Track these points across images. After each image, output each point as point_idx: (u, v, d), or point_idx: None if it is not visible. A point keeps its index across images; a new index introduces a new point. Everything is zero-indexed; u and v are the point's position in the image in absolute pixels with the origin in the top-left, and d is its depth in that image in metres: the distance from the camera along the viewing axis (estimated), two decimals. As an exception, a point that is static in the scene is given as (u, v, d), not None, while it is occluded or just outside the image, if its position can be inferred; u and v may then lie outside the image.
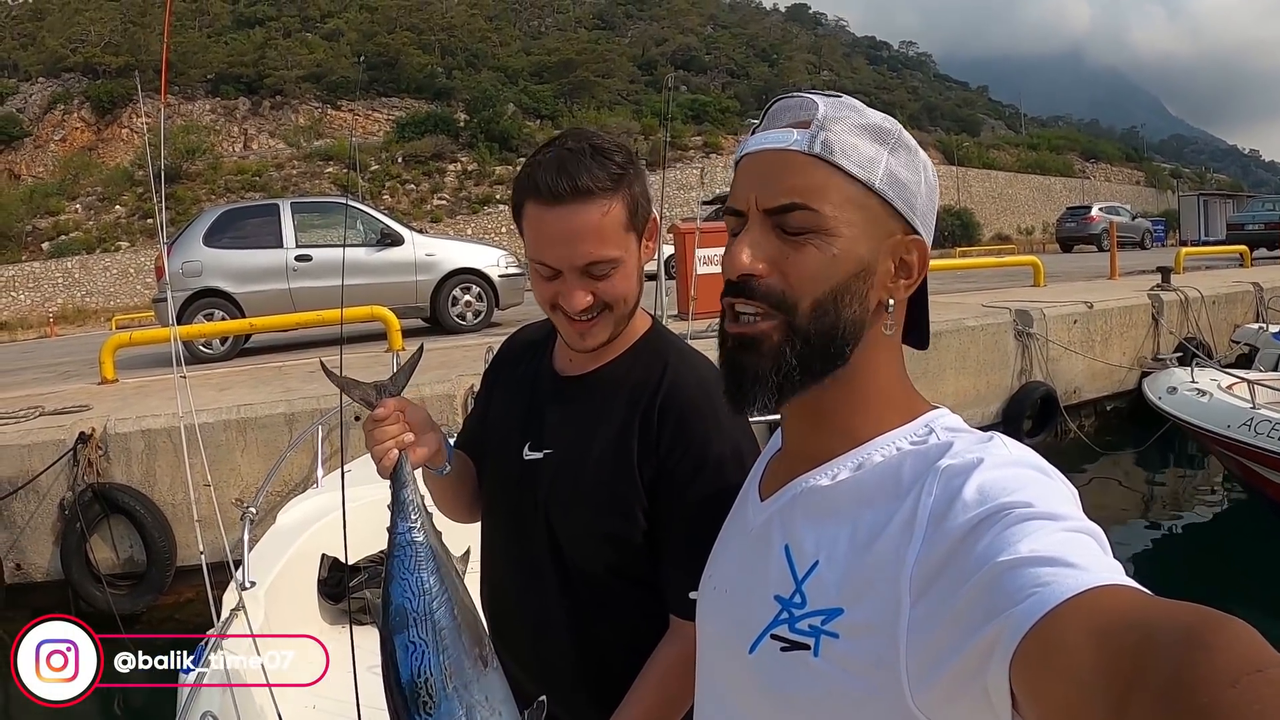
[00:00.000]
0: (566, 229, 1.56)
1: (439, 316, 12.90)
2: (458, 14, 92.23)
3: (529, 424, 1.80)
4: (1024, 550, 0.81)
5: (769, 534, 1.12)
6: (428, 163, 56.64)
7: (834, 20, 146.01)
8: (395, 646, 1.34)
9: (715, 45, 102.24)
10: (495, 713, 1.32)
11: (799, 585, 1.03)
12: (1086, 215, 38.71)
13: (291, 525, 4.79)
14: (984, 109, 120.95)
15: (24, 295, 45.66)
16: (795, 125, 1.10)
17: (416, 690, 1.30)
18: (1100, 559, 0.80)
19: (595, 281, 1.60)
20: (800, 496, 1.11)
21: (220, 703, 2.99)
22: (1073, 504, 0.90)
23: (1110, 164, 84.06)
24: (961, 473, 0.94)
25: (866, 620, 0.94)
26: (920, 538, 0.92)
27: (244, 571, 4.11)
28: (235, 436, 7.35)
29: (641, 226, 1.67)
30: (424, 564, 1.43)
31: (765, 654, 1.04)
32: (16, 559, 7.16)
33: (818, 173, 1.06)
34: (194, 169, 53.51)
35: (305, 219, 13.02)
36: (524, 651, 1.79)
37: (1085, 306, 11.51)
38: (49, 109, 71.16)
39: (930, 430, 1.07)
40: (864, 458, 1.07)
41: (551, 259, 1.59)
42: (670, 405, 1.62)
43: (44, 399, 8.48)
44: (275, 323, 11.17)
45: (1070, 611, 0.73)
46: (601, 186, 1.57)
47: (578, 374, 1.77)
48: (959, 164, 67.12)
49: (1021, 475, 0.92)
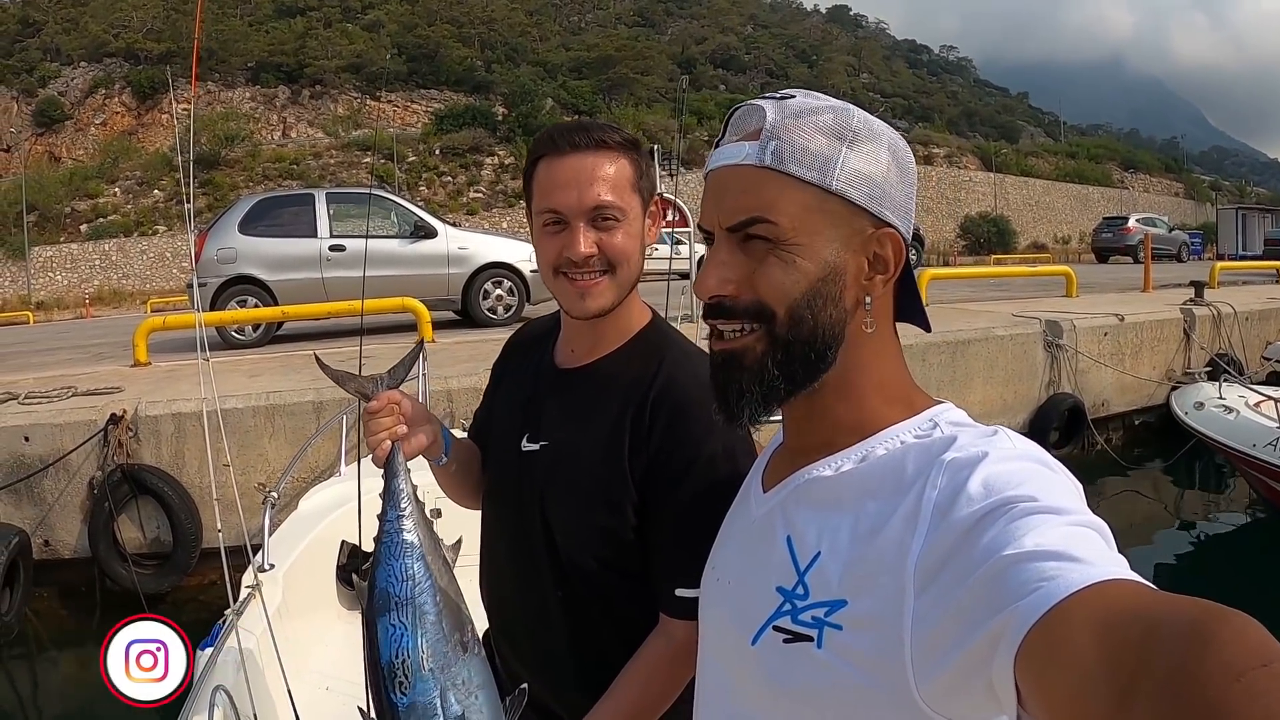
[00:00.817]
0: (578, 172, 1.63)
1: (470, 310, 12.89)
2: (498, 8, 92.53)
3: (528, 416, 1.82)
4: (1029, 544, 0.81)
5: (771, 525, 1.12)
6: (465, 155, 56.78)
7: (875, 22, 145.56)
8: (377, 629, 1.39)
9: (755, 45, 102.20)
10: (472, 695, 1.35)
11: (801, 576, 1.03)
12: (1123, 226, 38.28)
13: (313, 511, 4.85)
14: (1024, 116, 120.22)
15: (61, 276, 46.16)
16: (746, 138, 1.09)
17: (394, 670, 1.34)
18: (1105, 553, 0.81)
19: (599, 232, 1.65)
20: (803, 488, 1.11)
21: (234, 679, 3.04)
22: (1077, 498, 0.90)
23: (1149, 174, 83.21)
24: (966, 466, 0.94)
25: (870, 612, 0.94)
26: (924, 530, 0.92)
27: (263, 554, 4.17)
28: (264, 422, 7.42)
29: (646, 196, 1.73)
30: (410, 552, 1.47)
31: (768, 645, 1.04)
32: (45, 535, 7.27)
33: (771, 185, 1.06)
34: (232, 156, 53.90)
35: (340, 209, 13.07)
36: (521, 642, 1.82)
37: (1116, 319, 11.39)
38: (90, 93, 72.00)
39: (935, 424, 1.07)
40: (868, 450, 1.07)
41: (560, 202, 1.64)
42: (663, 401, 1.63)
43: (77, 380, 8.59)
44: (305, 311, 11.25)
45: (1075, 605, 0.73)
46: (614, 141, 1.66)
47: (576, 366, 1.80)
48: (997, 170, 66.75)
49: (1026, 469, 0.92)
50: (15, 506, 7.13)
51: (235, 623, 3.28)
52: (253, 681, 3.11)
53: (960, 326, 10.34)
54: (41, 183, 51.42)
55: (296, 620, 4.07)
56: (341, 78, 74.77)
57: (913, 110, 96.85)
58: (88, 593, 7.39)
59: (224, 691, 2.85)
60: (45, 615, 7.46)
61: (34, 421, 7.24)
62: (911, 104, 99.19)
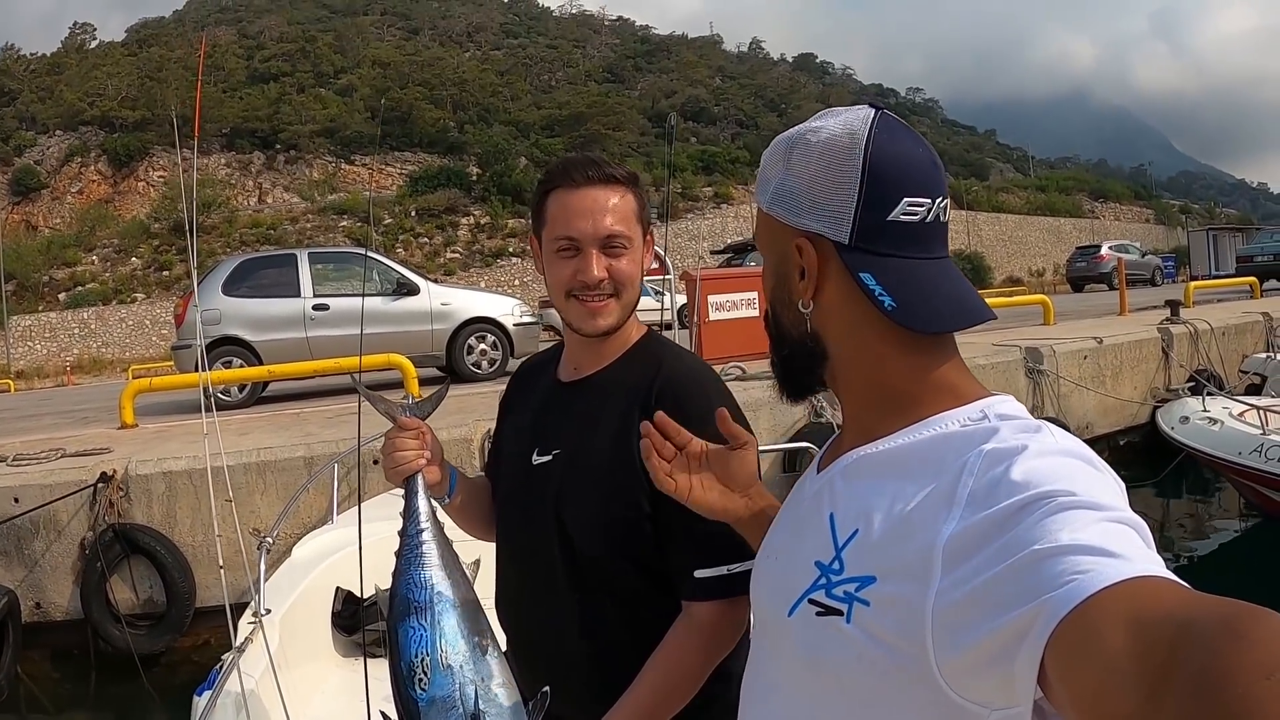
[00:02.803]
0: (593, 204, 1.82)
1: (454, 365, 12.97)
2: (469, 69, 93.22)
3: (536, 433, 1.94)
4: (1065, 538, 0.81)
5: (819, 502, 1.15)
6: (441, 216, 57.05)
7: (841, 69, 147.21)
8: (398, 633, 1.47)
9: (724, 96, 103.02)
10: (491, 692, 1.40)
11: (838, 552, 1.05)
12: (1096, 254, 38.62)
13: (306, 559, 4.85)
14: (992, 153, 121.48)
15: (40, 345, 45.97)
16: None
17: (413, 669, 1.41)
18: (1141, 550, 0.81)
19: (609, 258, 1.83)
20: (848, 467, 1.14)
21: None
22: (1117, 495, 0.91)
23: (1119, 203, 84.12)
24: (1006, 457, 0.94)
25: (896, 590, 0.95)
26: (957, 515, 0.93)
27: (259, 599, 4.18)
28: (255, 479, 7.42)
29: (645, 226, 1.92)
30: (428, 562, 1.57)
31: (802, 618, 1.07)
32: (36, 598, 7.21)
33: (757, 214, 1.25)
34: (210, 222, 53.89)
35: (322, 269, 13.20)
36: (539, 656, 1.87)
37: (1095, 342, 11.47)
38: (66, 161, 72.02)
39: (984, 415, 1.07)
40: (914, 435, 1.09)
41: (576, 230, 1.81)
42: (665, 392, 1.76)
43: (65, 442, 8.58)
44: (294, 370, 11.27)
45: (1108, 600, 0.74)
46: (621, 177, 1.87)
47: (578, 378, 1.94)
48: (969, 208, 67.20)
49: (1067, 464, 0.93)
50: (5, 568, 7.08)
51: (236, 664, 3.28)
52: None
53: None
54: (19, 251, 51.37)
55: (292, 668, 4.06)
56: (316, 142, 75.01)
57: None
58: (81, 654, 7.33)
59: None
60: (38, 678, 7.39)
61: (23, 482, 7.21)
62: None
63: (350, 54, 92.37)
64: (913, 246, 1.10)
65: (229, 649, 3.45)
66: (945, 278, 1.12)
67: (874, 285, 1.08)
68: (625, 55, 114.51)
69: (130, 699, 7.16)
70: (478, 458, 7.53)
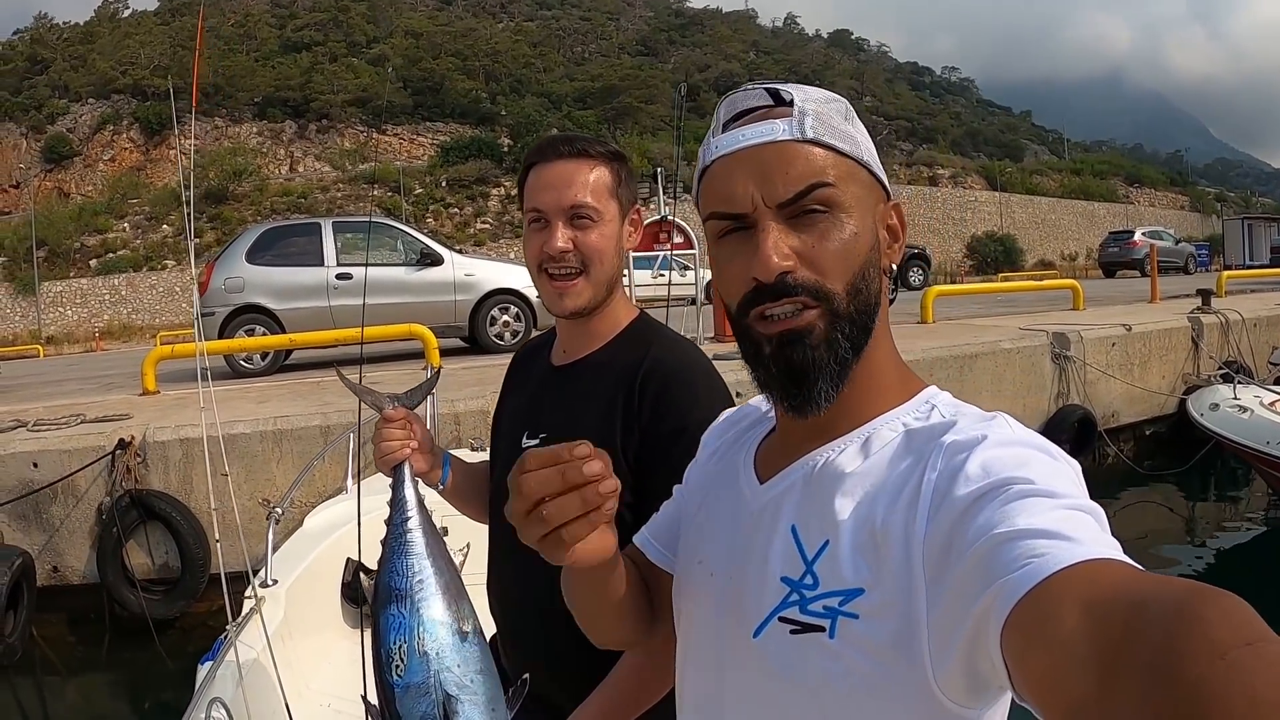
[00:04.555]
0: (559, 176, 1.83)
1: (477, 336, 12.99)
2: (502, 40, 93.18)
3: (529, 415, 1.95)
4: (1021, 524, 0.81)
5: (773, 515, 1.10)
6: (471, 187, 57.01)
7: (876, 46, 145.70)
8: (379, 620, 1.46)
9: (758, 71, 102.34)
10: (468, 678, 1.39)
11: (809, 566, 1.02)
12: (1129, 240, 38.36)
13: (318, 529, 4.85)
14: (1027, 134, 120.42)
15: (71, 311, 46.39)
16: (770, 117, 1.08)
17: (391, 656, 1.40)
18: (1098, 535, 0.81)
19: (575, 230, 1.82)
20: (805, 476, 1.09)
21: (233, 693, 3.03)
22: (1075, 483, 0.90)
23: (1154, 189, 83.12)
24: (965, 448, 0.94)
25: (885, 600, 0.94)
26: (926, 513, 0.93)
27: (266, 570, 4.17)
28: (271, 447, 7.43)
29: (625, 203, 1.91)
30: (411, 550, 1.54)
31: (772, 637, 1.03)
32: (53, 561, 7.27)
33: (817, 156, 1.05)
34: (240, 190, 54.17)
35: (347, 238, 13.20)
36: (526, 639, 1.88)
37: (1124, 329, 11.33)
38: (98, 129, 72.59)
39: (932, 407, 1.07)
40: (869, 434, 1.07)
41: (542, 202, 1.83)
42: (650, 379, 1.74)
43: (86, 408, 8.63)
44: (311, 339, 11.28)
45: (1063, 582, 0.73)
46: (594, 152, 1.86)
47: (568, 362, 1.94)
48: (1002, 190, 66.74)
49: (1024, 454, 0.92)
50: (24, 532, 7.13)
51: (235, 637, 3.27)
52: (250, 696, 3.11)
53: (967, 340, 10.31)
54: (51, 219, 51.70)
55: (300, 637, 4.06)
56: (347, 111, 75.24)
57: (916, 132, 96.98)
58: (96, 618, 7.39)
59: (221, 704, 2.85)
60: (53, 641, 7.45)
61: (42, 448, 7.25)
62: (915, 126, 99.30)
63: (383, 24, 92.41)
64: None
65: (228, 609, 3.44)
66: None
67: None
68: (659, 28, 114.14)
69: (144, 663, 7.21)
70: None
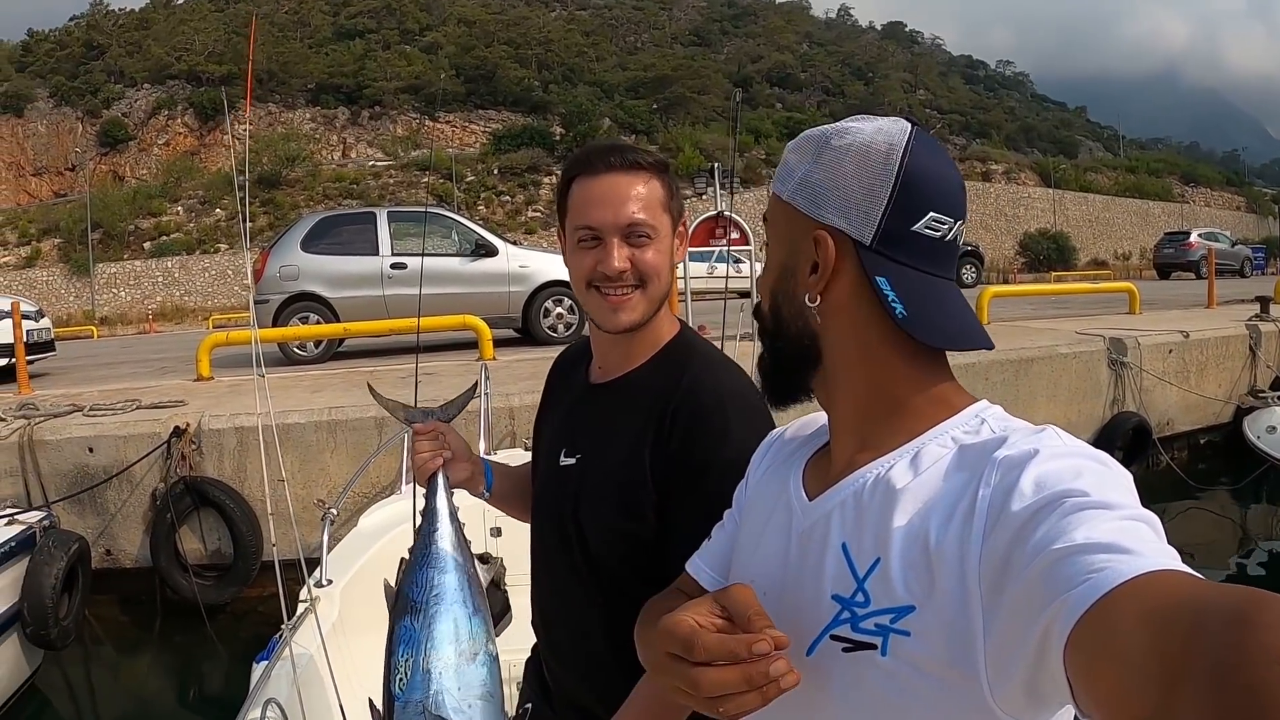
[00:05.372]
0: (613, 192, 1.73)
1: (530, 328, 12.95)
2: (554, 29, 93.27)
3: (566, 432, 1.91)
4: (1079, 538, 0.81)
5: (823, 533, 1.10)
6: (523, 175, 57.26)
7: (930, 38, 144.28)
8: (394, 629, 1.48)
9: (811, 63, 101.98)
10: (468, 702, 1.40)
11: (860, 584, 1.01)
12: (1185, 241, 37.82)
13: (372, 529, 4.85)
14: (1082, 130, 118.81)
15: (125, 292, 47.13)
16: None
17: (397, 668, 1.42)
18: (1156, 545, 0.80)
19: (632, 248, 1.73)
20: (855, 493, 1.09)
21: (287, 693, 3.04)
22: (1129, 493, 0.90)
23: (1210, 188, 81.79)
24: (1018, 464, 0.93)
25: (940, 617, 0.93)
26: (981, 530, 0.92)
27: (321, 570, 4.18)
28: (325, 437, 7.47)
29: (676, 216, 1.82)
30: (433, 563, 1.57)
31: (825, 655, 1.03)
32: (107, 545, 7.36)
33: (770, 198, 1.21)
34: (293, 176, 54.69)
35: (401, 227, 13.24)
36: (566, 652, 1.87)
37: (1181, 336, 11.14)
38: (153, 114, 73.55)
39: (982, 421, 1.06)
40: (917, 449, 1.06)
41: (596, 219, 1.73)
42: (683, 408, 1.68)
43: (141, 393, 8.72)
44: (365, 328, 11.36)
45: (1124, 596, 0.73)
46: (647, 164, 1.77)
47: (605, 381, 1.88)
48: (1056, 186, 66.05)
49: (1078, 465, 0.92)
50: (79, 516, 7.23)
51: (290, 638, 3.28)
52: (305, 696, 3.11)
53: (1023, 344, 10.20)
54: (106, 201, 52.49)
55: (353, 637, 4.07)
56: (400, 99, 75.64)
57: (970, 126, 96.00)
58: (148, 602, 7.49)
59: (276, 705, 2.85)
60: (106, 622, 7.56)
61: (98, 433, 7.34)
62: (969, 120, 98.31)
63: (436, 11, 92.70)
64: (928, 261, 1.10)
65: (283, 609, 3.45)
66: (951, 298, 1.12)
67: (888, 290, 1.08)
68: (712, 19, 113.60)
69: (194, 646, 7.30)
70: (550, 423, 7.49)
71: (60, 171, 71.18)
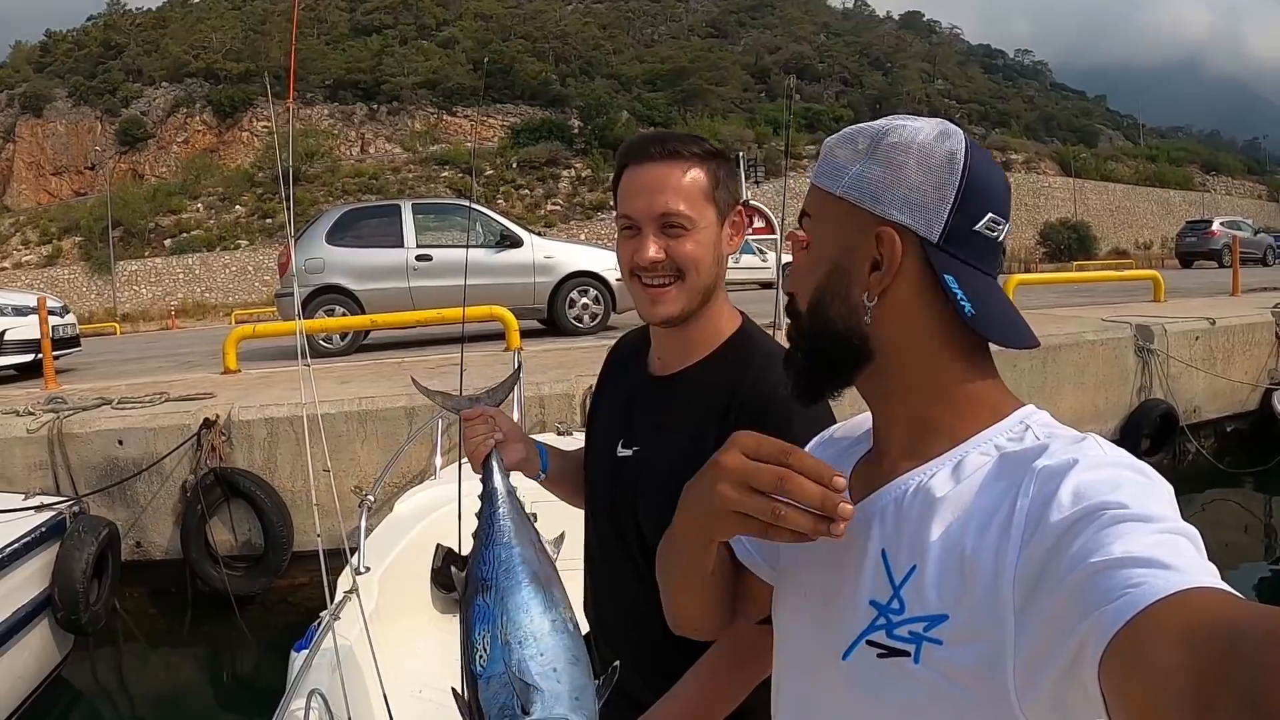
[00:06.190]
0: (650, 181, 1.73)
1: (556, 318, 12.98)
2: (571, 22, 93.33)
3: (624, 423, 1.91)
4: (1117, 551, 0.80)
5: (864, 539, 1.09)
6: (542, 168, 57.37)
7: (948, 28, 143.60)
8: (469, 611, 1.47)
9: (829, 53, 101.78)
10: (550, 668, 1.38)
11: (897, 591, 1.02)
12: (1207, 230, 37.59)
13: (407, 515, 4.86)
14: (1101, 119, 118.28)
15: (146, 289, 47.42)
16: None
17: (474, 646, 1.41)
18: (1194, 560, 0.80)
19: (668, 239, 1.73)
20: (896, 500, 1.09)
21: (329, 682, 3.04)
22: (1168, 505, 0.89)
23: (1231, 177, 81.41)
24: (1058, 474, 0.93)
25: (972, 626, 0.93)
26: (1019, 540, 0.91)
27: (359, 557, 4.19)
28: (355, 428, 7.47)
29: (725, 206, 1.80)
30: (499, 539, 1.55)
31: (860, 660, 1.04)
32: (137, 537, 7.38)
33: (811, 194, 1.19)
34: (312, 172, 54.93)
35: (425, 220, 13.28)
36: (618, 639, 1.87)
37: (1208, 323, 11.06)
38: (172, 112, 73.99)
39: (1026, 427, 1.06)
40: (961, 457, 1.06)
41: (632, 209, 1.75)
42: (745, 409, 1.68)
43: (169, 386, 8.73)
44: (396, 320, 11.37)
45: (1161, 612, 0.72)
46: (690, 152, 1.75)
47: (666, 374, 1.87)
48: (1076, 175, 65.76)
49: (1118, 476, 0.91)
50: (108, 508, 7.24)
51: (331, 625, 3.28)
52: (348, 684, 3.12)
53: (1050, 331, 10.13)
54: (126, 199, 52.88)
55: (391, 624, 4.08)
56: (418, 94, 75.92)
57: (989, 116, 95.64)
58: (178, 593, 7.51)
59: (319, 695, 2.86)
60: (136, 613, 7.59)
61: (128, 425, 7.36)
62: (988, 109, 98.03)
63: (453, 6, 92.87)
64: (984, 260, 1.11)
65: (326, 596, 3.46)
66: (1003, 297, 1.13)
67: (957, 289, 1.08)
68: (729, 10, 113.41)
69: (224, 637, 7.32)
70: (578, 413, 7.49)
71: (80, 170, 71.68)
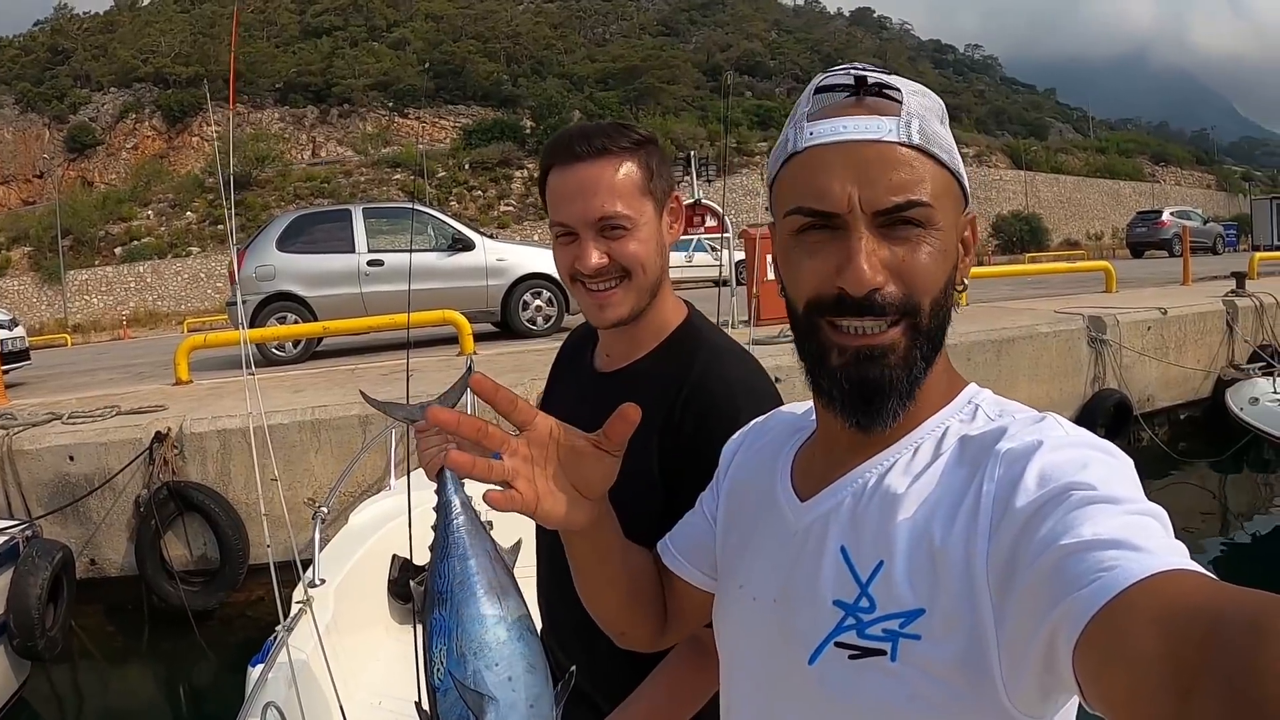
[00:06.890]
0: (581, 183, 1.63)
1: (510, 321, 12.95)
2: (523, 22, 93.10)
3: (572, 421, 1.85)
4: (1087, 534, 0.79)
5: (820, 536, 1.05)
6: (494, 169, 57.17)
7: (898, 24, 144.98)
8: (428, 625, 1.44)
9: (780, 50, 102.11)
10: (505, 676, 1.36)
11: (864, 589, 0.97)
12: (1157, 220, 38.16)
13: (363, 526, 4.83)
14: (1051, 112, 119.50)
15: (97, 299, 46.83)
16: (876, 112, 1.01)
17: (433, 661, 1.38)
18: (1164, 541, 0.78)
19: (609, 242, 1.65)
20: (854, 494, 1.04)
21: (285, 696, 3.01)
22: (1134, 485, 0.87)
23: (1180, 167, 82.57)
24: (1022, 457, 0.91)
25: (950, 619, 0.90)
26: (987, 527, 0.89)
27: (314, 569, 4.16)
28: (309, 437, 7.41)
29: (661, 195, 1.72)
30: (454, 552, 1.50)
31: (829, 664, 0.99)
32: (91, 554, 7.29)
33: (919, 165, 0.99)
34: (263, 176, 54.42)
35: (376, 224, 13.20)
36: (569, 642, 1.84)
37: (1159, 313, 11.23)
38: (120, 118, 73.03)
39: (976, 407, 1.04)
40: (916, 445, 1.03)
41: (567, 216, 1.65)
42: (691, 403, 1.64)
43: (120, 399, 8.62)
44: (347, 326, 11.30)
45: (1135, 597, 0.71)
46: (618, 146, 1.65)
47: (611, 370, 1.82)
48: (1027, 168, 66.41)
49: (1083, 455, 0.89)
50: (61, 525, 7.15)
51: (286, 639, 3.26)
52: (304, 698, 3.09)
53: (1003, 325, 10.24)
54: (75, 207, 52.12)
55: (348, 636, 4.05)
56: (369, 96, 75.38)
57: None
58: (135, 610, 7.43)
59: (275, 708, 2.83)
60: (92, 632, 7.50)
61: (78, 441, 7.27)
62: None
63: (403, 7, 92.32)
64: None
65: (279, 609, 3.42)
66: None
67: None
68: (680, 8, 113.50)
69: (182, 653, 7.26)
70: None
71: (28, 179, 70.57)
